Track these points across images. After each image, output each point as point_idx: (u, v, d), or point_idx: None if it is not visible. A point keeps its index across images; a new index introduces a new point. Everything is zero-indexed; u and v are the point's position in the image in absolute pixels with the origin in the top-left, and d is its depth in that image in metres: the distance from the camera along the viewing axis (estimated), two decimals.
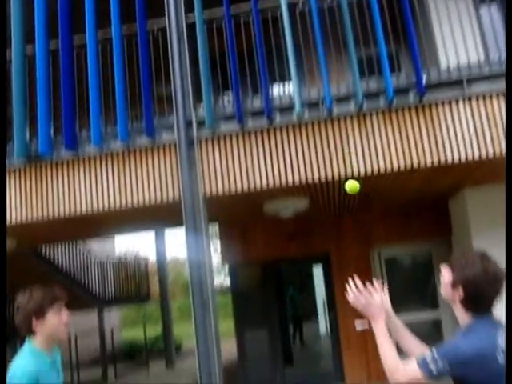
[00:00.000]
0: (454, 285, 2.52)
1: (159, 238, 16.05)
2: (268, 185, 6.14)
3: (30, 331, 2.87)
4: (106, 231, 10.00)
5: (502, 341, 2.39)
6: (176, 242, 58.38)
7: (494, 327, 2.46)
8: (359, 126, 6.09)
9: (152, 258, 18.80)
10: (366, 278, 9.79)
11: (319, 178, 6.09)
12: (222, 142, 6.26)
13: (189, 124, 6.26)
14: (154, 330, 19.74)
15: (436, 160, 5.92)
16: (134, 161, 6.43)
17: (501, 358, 2.34)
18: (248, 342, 10.25)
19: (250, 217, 9.22)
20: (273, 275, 10.45)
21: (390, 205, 9.31)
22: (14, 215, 6.66)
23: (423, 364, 2.41)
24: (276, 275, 10.68)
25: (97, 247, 15.88)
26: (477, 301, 2.48)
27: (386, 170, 6.01)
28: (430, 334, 9.69)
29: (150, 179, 6.37)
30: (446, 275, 2.58)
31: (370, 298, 2.71)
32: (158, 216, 7.83)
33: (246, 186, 6.16)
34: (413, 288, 10.00)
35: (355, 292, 2.74)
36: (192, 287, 6.13)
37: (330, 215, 9.65)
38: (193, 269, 6.12)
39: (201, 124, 6.26)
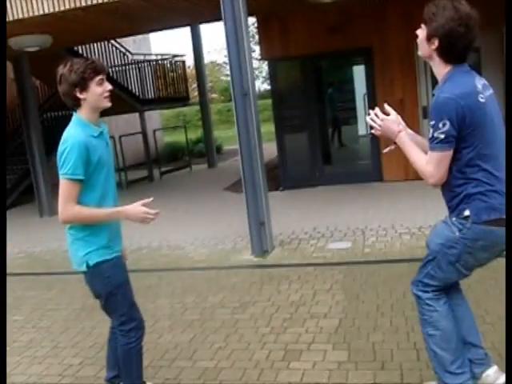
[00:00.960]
0: (428, 38, 2.49)
1: (196, 38, 15.47)
2: None
3: (75, 103, 2.88)
4: (140, 26, 9.68)
5: (479, 84, 2.47)
6: (213, 46, 57.21)
7: (471, 74, 2.51)
8: None
9: (189, 61, 18.46)
10: (410, 75, 9.38)
11: None
12: None
13: None
14: (195, 134, 20.14)
15: None
16: None
17: (481, 97, 2.42)
18: (288, 143, 10.36)
19: (289, 6, 8.74)
20: (313, 72, 10.17)
21: None
22: (45, 6, 6.46)
23: (430, 142, 2.47)
24: (316, 72, 10.40)
25: (133, 47, 15.59)
26: (452, 47, 2.44)
27: None
28: None
29: None
30: (420, 32, 2.55)
31: (385, 117, 2.71)
32: (193, 6, 7.50)
33: None
34: None
35: (372, 117, 2.72)
36: (233, 81, 6.00)
37: (373, 5, 9.02)
38: (233, 62, 5.93)
39: None
